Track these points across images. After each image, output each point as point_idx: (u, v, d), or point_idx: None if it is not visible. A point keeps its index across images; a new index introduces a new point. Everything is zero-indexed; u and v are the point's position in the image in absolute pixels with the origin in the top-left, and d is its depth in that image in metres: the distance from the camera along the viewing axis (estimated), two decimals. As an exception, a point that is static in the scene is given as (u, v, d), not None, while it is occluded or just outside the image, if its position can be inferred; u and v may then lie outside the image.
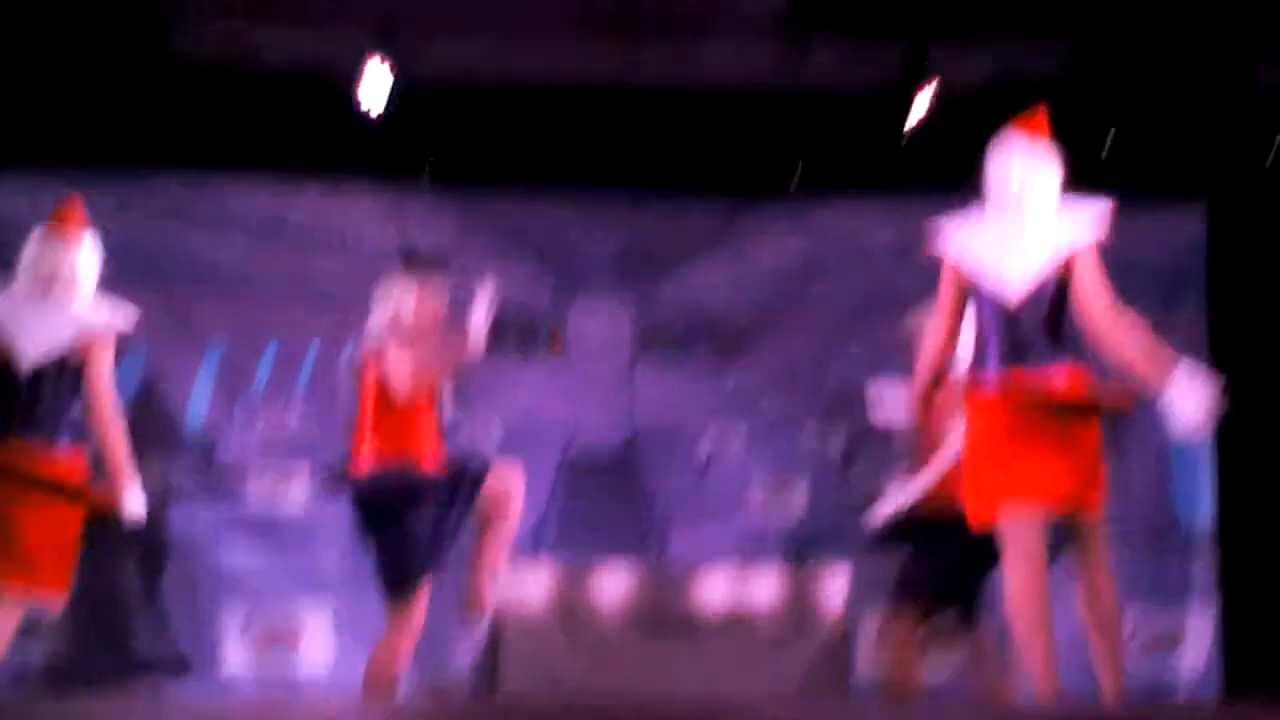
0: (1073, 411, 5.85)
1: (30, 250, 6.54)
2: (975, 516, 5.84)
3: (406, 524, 6.54)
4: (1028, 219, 5.99)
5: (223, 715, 4.87)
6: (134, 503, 6.45)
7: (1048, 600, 5.79)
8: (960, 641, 6.81)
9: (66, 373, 6.44)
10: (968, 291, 5.98)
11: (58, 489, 6.37)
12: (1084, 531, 5.91)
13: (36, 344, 6.41)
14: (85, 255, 6.63)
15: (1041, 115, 6.26)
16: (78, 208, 6.71)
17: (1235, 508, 9.46)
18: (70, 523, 6.42)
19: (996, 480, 5.76)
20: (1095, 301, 5.88)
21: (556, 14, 8.88)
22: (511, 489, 6.65)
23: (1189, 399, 5.69)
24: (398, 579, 6.52)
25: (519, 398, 9.22)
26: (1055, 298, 5.88)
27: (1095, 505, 5.92)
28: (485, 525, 6.63)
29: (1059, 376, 5.84)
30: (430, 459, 6.65)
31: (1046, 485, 5.76)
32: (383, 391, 6.71)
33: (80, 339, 6.46)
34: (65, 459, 6.44)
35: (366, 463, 6.67)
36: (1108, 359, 5.83)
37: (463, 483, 6.65)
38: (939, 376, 6.08)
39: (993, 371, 5.84)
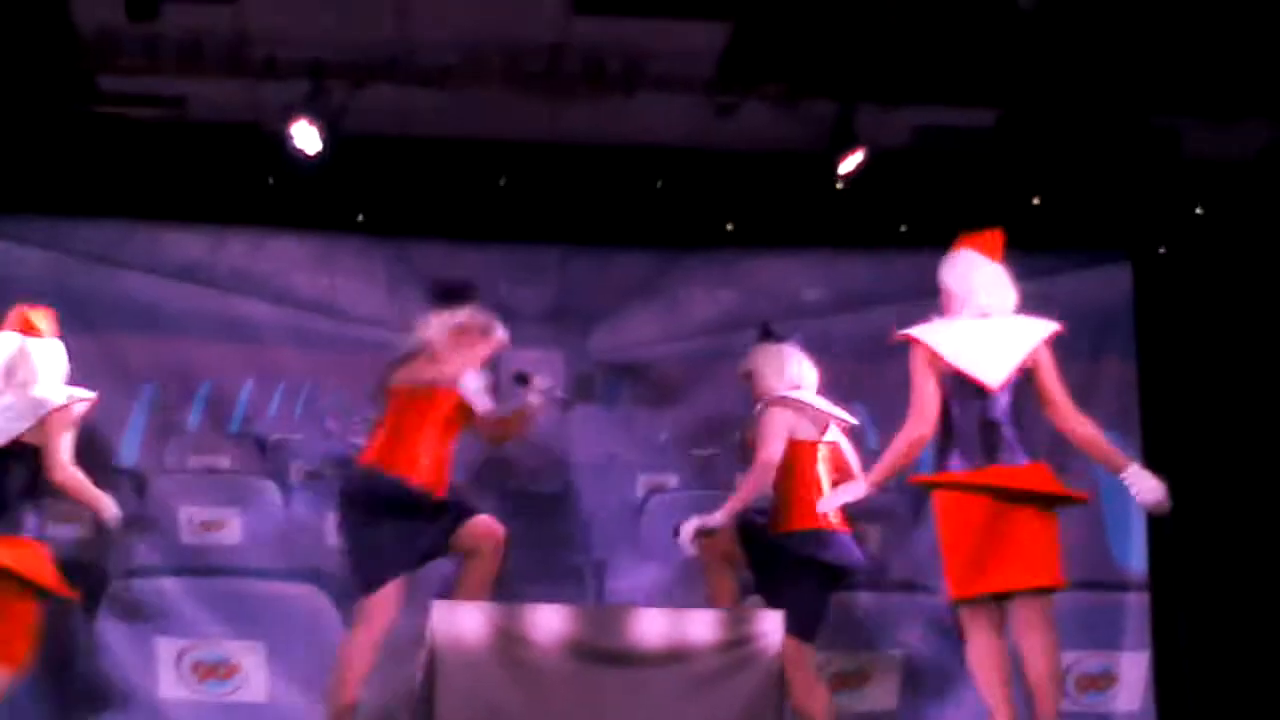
0: (1041, 504, 6.52)
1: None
2: (954, 592, 6.47)
3: (386, 526, 7.12)
4: (996, 326, 6.57)
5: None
6: (110, 508, 6.98)
7: (1009, 667, 6.49)
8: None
9: (27, 452, 6.85)
10: (944, 381, 6.50)
11: (19, 578, 6.70)
12: (1041, 603, 6.60)
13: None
14: (50, 354, 7.11)
15: (999, 236, 6.77)
16: (47, 316, 7.21)
17: (1167, 553, 9.53)
18: (31, 611, 6.79)
19: (974, 565, 6.38)
20: (1060, 391, 6.65)
21: (487, 68, 8.90)
22: (496, 533, 7.27)
23: (1148, 478, 6.72)
24: (367, 576, 7.17)
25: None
26: (1018, 397, 6.57)
27: (1057, 581, 6.63)
28: (468, 558, 7.25)
29: (1030, 472, 6.53)
30: (429, 479, 7.26)
31: (1018, 570, 6.44)
32: (408, 407, 7.36)
33: (39, 420, 6.89)
34: (29, 547, 6.82)
35: (368, 460, 7.34)
36: (1073, 439, 6.68)
37: (450, 510, 7.27)
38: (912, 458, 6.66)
39: (974, 465, 6.44)
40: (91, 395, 7.14)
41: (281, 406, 9.41)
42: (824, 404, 7.66)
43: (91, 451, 9.18)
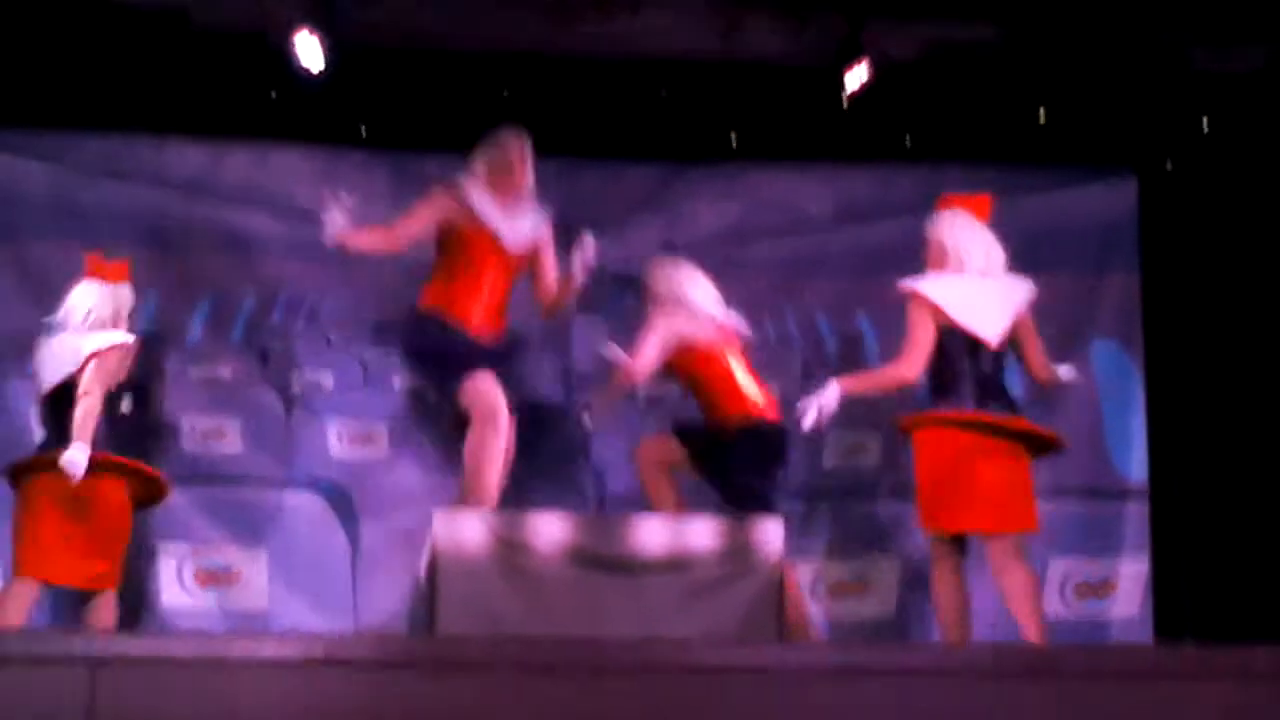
0: (1022, 448, 6.96)
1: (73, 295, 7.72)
2: (929, 525, 6.96)
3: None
4: (992, 285, 7.05)
5: (165, 654, 4.84)
6: (73, 457, 7.18)
7: (968, 602, 7.01)
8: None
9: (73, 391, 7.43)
10: (943, 333, 6.91)
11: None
12: (1015, 542, 6.96)
13: (51, 372, 7.55)
14: (107, 299, 7.69)
15: (989, 200, 7.34)
16: (119, 265, 7.84)
17: (1167, 460, 9.55)
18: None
19: (950, 503, 6.84)
20: (1039, 345, 7.24)
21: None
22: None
23: None
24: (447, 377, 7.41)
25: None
26: (1004, 351, 7.07)
27: (1031, 526, 7.04)
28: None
29: (1015, 419, 6.99)
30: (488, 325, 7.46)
31: (995, 513, 6.84)
32: (463, 249, 7.49)
33: (80, 364, 7.49)
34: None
35: (429, 303, 7.51)
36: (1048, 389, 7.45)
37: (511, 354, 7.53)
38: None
39: (965, 408, 6.87)
40: (128, 339, 7.58)
41: (283, 318, 9.40)
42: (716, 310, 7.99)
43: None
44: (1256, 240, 9.46)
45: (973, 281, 6.99)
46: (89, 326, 7.58)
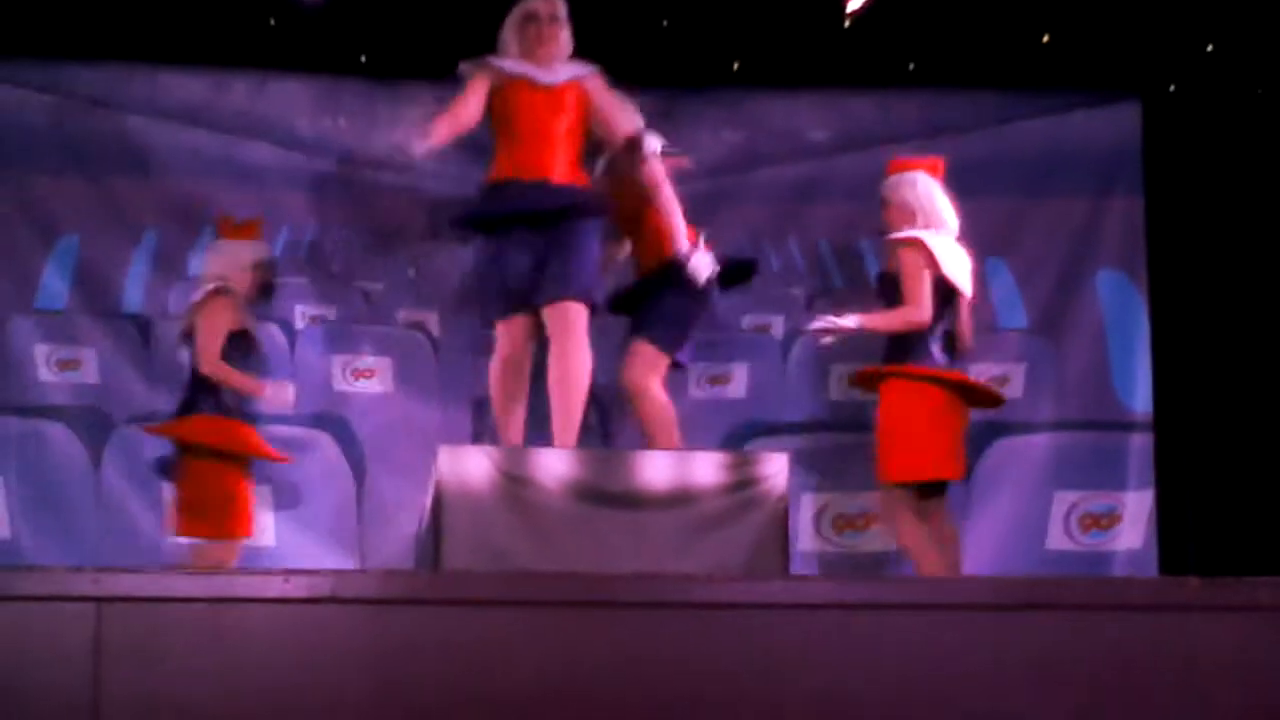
0: (970, 402, 7.18)
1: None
2: (902, 475, 6.98)
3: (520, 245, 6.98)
4: (956, 244, 7.20)
5: (171, 592, 4.84)
6: (272, 394, 7.79)
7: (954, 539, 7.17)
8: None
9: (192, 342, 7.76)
10: (938, 285, 7.02)
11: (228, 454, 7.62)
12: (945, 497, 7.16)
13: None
14: (225, 255, 7.92)
15: (942, 162, 7.42)
16: (248, 223, 8.05)
17: (1172, 391, 9.55)
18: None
19: (922, 453, 6.94)
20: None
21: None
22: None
23: None
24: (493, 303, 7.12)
25: (454, 285, 9.19)
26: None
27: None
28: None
29: (965, 374, 7.34)
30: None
31: (956, 463, 7.07)
32: (505, 108, 7.16)
33: (188, 312, 7.89)
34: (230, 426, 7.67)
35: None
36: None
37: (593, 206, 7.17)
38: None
39: (938, 362, 7.02)
40: (228, 292, 7.75)
41: (285, 250, 9.37)
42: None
43: (94, 297, 9.25)
44: (1263, 164, 9.42)
45: (948, 239, 7.14)
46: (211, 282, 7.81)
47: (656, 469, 6.78)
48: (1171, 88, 9.74)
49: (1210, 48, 9.49)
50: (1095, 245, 9.62)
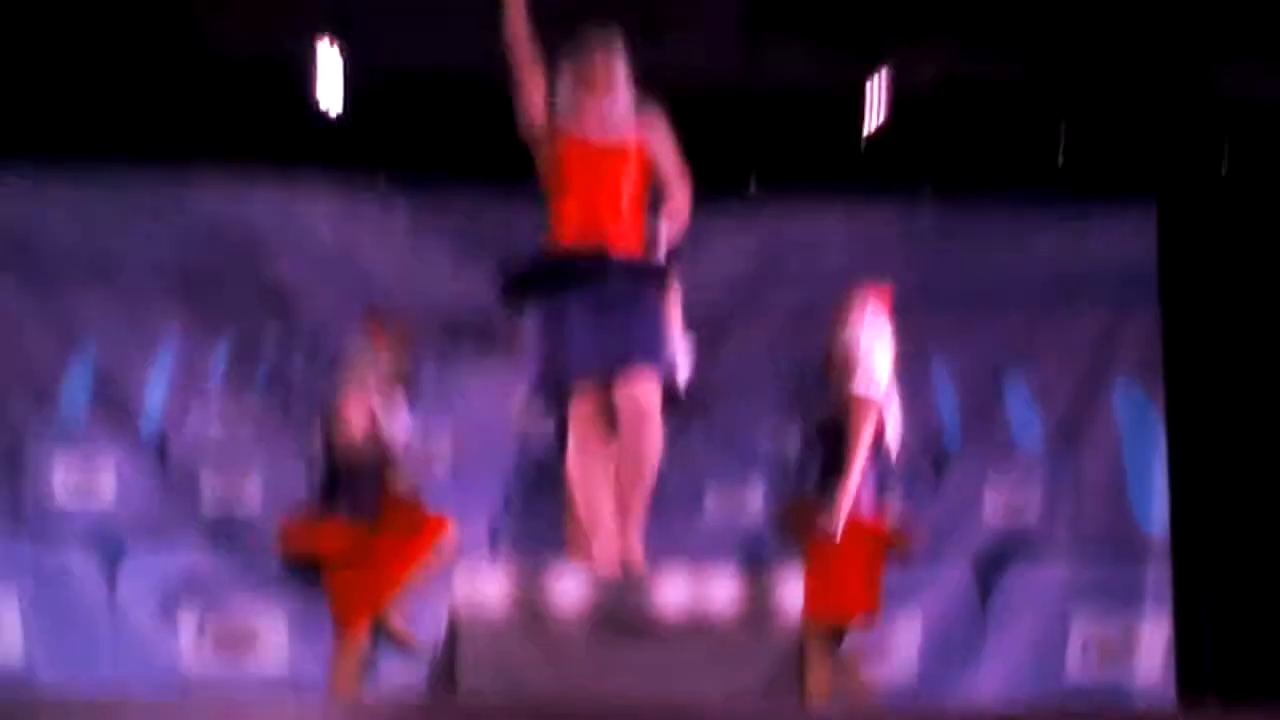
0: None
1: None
2: (844, 617, 7.29)
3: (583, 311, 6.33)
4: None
5: (182, 715, 4.85)
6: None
7: None
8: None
9: None
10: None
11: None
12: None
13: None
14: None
15: (890, 291, 7.66)
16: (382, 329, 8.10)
17: (1189, 514, 9.51)
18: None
19: (848, 594, 7.25)
20: None
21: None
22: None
23: None
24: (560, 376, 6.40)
25: (470, 402, 9.20)
26: None
27: None
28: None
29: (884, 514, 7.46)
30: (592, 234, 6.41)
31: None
32: (556, 166, 6.55)
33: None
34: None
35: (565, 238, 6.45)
36: None
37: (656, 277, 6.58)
38: None
39: (874, 504, 7.27)
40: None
41: (304, 366, 9.38)
42: None
43: (112, 417, 9.26)
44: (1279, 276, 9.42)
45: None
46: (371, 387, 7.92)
47: (672, 593, 6.76)
48: (1187, 200, 9.75)
49: (1226, 159, 9.50)
50: (1111, 359, 9.61)
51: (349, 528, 7.64)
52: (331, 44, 8.77)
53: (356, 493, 7.68)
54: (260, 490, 9.15)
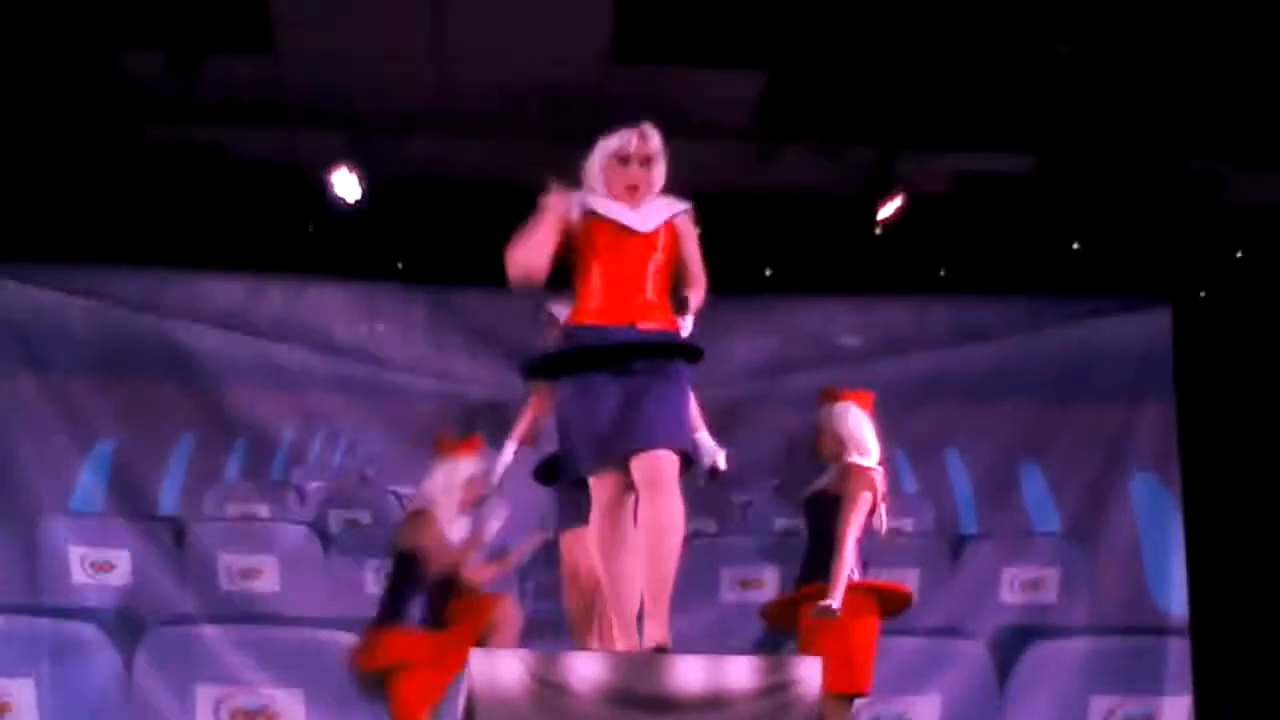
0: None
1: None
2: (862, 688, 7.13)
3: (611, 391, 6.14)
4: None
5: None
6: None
7: None
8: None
9: None
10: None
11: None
12: None
13: None
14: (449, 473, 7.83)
15: (872, 395, 7.44)
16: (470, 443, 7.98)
17: (1208, 597, 9.49)
18: None
19: (858, 663, 7.10)
20: None
21: (526, 116, 8.93)
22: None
23: None
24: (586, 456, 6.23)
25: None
26: None
27: None
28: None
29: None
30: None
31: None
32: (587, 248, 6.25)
33: None
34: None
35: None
36: None
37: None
38: None
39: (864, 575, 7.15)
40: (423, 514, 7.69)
41: (321, 454, 9.42)
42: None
43: (130, 499, 9.28)
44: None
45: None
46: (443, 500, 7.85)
47: (689, 673, 6.72)
48: (1202, 293, 9.81)
49: (1240, 254, 9.57)
50: (1128, 449, 9.63)
51: (421, 635, 7.64)
52: (347, 168, 8.86)
53: (430, 601, 7.67)
54: (278, 577, 9.16)
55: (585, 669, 6.61)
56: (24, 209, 9.05)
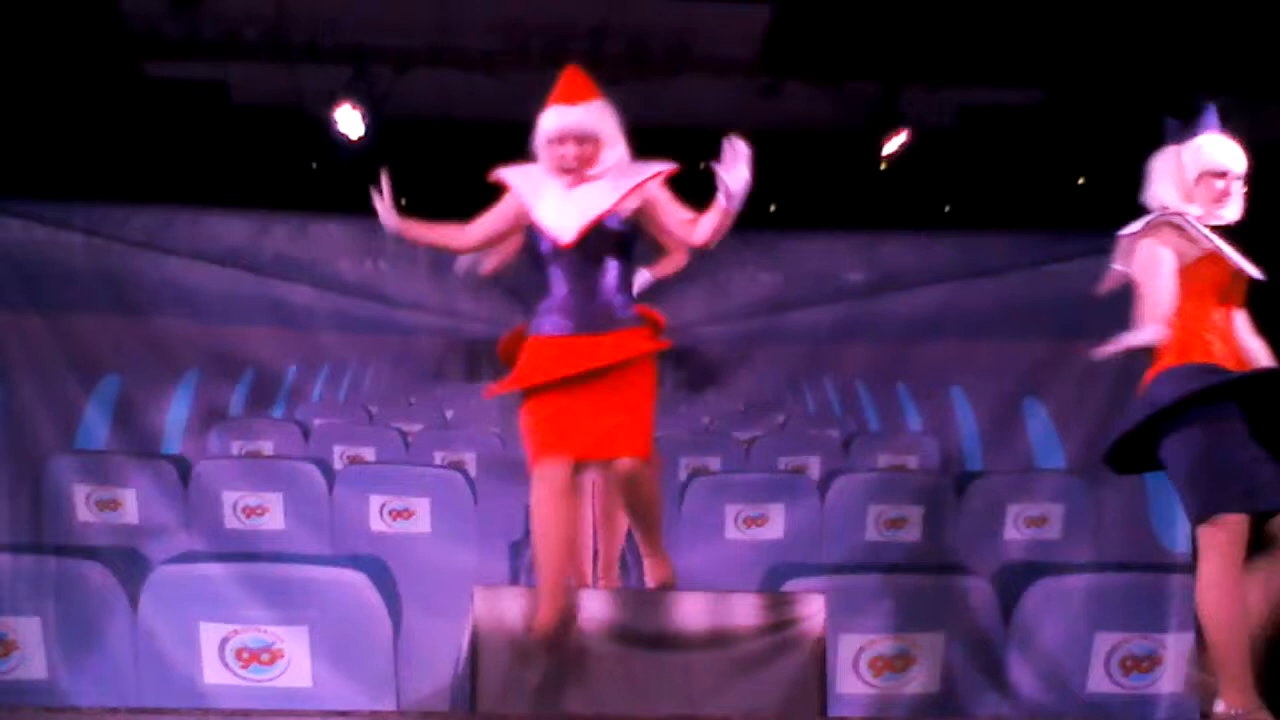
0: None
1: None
2: None
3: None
4: None
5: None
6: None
7: None
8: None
9: None
10: None
11: None
12: None
13: None
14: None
15: None
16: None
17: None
18: None
19: None
20: None
21: (529, 52, 8.89)
22: None
23: None
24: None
25: (491, 428, 9.21)
26: None
27: None
28: None
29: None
30: None
31: None
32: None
33: None
34: None
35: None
36: None
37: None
38: None
39: None
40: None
41: (324, 391, 9.43)
42: None
43: (134, 437, 9.29)
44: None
45: None
46: None
47: (693, 610, 6.74)
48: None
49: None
50: (1128, 389, 9.58)
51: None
52: (350, 104, 8.83)
53: None
54: (282, 515, 9.17)
55: (589, 605, 6.64)
56: (26, 148, 9.01)
